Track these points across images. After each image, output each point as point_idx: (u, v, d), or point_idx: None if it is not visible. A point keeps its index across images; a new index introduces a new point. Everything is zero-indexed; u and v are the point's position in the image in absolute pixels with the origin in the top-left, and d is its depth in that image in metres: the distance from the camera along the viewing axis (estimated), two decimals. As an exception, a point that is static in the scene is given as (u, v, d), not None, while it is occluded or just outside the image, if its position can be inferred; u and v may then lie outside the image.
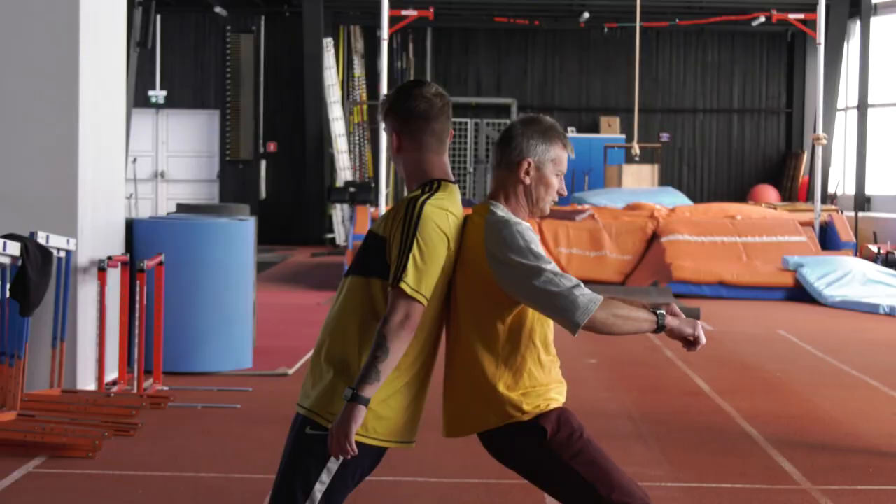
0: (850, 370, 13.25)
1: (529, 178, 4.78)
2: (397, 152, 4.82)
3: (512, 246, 4.62)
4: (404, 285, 4.51)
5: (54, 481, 8.14)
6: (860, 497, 8.04)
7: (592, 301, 4.55)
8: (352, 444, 4.45)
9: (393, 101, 4.82)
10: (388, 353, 4.47)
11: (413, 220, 4.59)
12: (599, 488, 4.66)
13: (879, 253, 24.88)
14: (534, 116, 4.89)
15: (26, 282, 9.46)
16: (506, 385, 4.68)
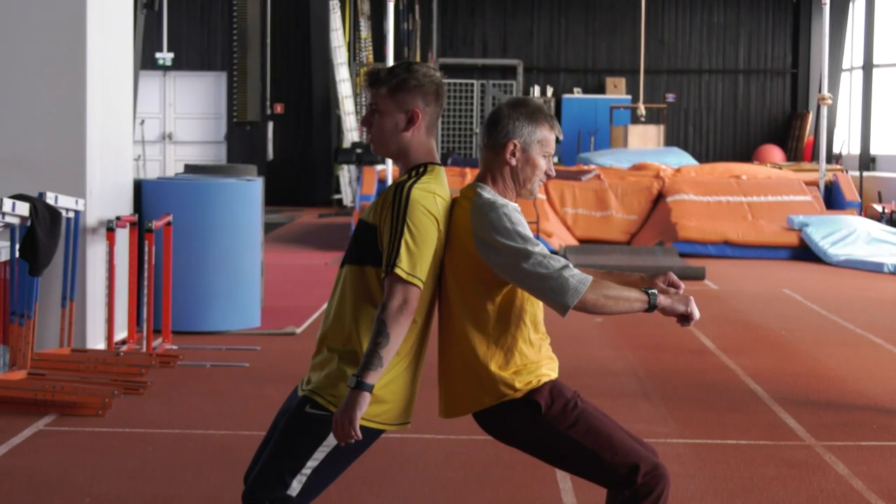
0: (855, 328, 13.26)
1: (516, 159, 4.75)
2: (409, 131, 4.73)
3: (499, 228, 4.60)
4: (399, 271, 4.49)
5: (65, 439, 8.17)
6: (864, 453, 8.06)
7: (582, 282, 4.54)
8: (356, 430, 4.44)
9: (420, 78, 4.71)
10: (388, 338, 4.46)
11: (402, 206, 4.55)
12: (602, 454, 4.65)
13: (884, 212, 24.86)
14: (521, 98, 4.86)
15: (35, 242, 9.47)
16: (497, 364, 4.68)
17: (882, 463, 7.83)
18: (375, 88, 4.75)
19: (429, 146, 4.76)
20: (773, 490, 7.20)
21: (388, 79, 4.72)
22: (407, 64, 4.79)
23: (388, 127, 4.73)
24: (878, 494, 7.10)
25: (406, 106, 4.71)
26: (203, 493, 6.91)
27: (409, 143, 4.73)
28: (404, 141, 4.73)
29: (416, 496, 6.91)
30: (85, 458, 7.69)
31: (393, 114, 4.72)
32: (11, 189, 9.77)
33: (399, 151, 4.75)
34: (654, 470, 4.66)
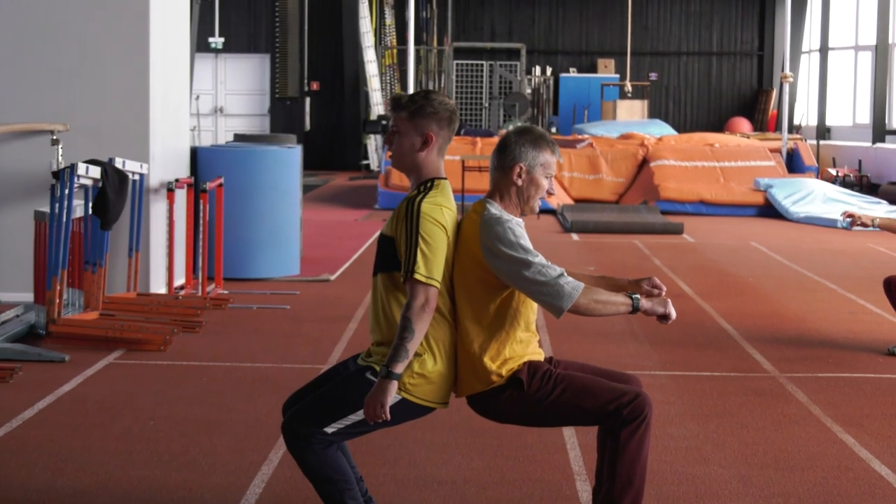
0: (812, 275, 13.22)
1: (522, 180, 4.76)
2: (423, 151, 4.73)
3: (504, 241, 4.62)
4: (418, 275, 4.50)
5: (131, 370, 8.18)
6: (821, 383, 8.04)
7: (575, 289, 4.56)
8: (386, 412, 4.47)
9: (436, 106, 4.72)
10: (413, 333, 4.48)
11: (414, 219, 4.56)
12: (586, 405, 4.65)
13: (837, 176, 24.83)
14: (526, 126, 4.87)
15: (106, 201, 9.46)
16: (490, 357, 4.69)
17: (836, 392, 7.81)
18: (397, 112, 4.76)
19: (438, 165, 4.78)
20: (742, 415, 7.19)
21: (408, 105, 4.74)
22: (426, 93, 4.79)
23: (405, 146, 4.74)
24: (833, 419, 7.08)
25: (422, 129, 4.72)
26: (251, 417, 6.91)
27: (423, 162, 4.74)
28: (419, 160, 4.74)
29: (433, 418, 6.90)
30: (149, 386, 7.70)
31: (410, 135, 4.73)
32: (85, 154, 9.77)
33: (413, 168, 4.76)
34: (636, 399, 4.65)
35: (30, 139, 10.35)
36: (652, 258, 14.34)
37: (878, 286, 11.70)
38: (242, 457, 6.11)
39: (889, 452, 6.40)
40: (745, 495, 5.65)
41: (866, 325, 10.23)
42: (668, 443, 6.50)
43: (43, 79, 10.53)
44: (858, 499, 5.64)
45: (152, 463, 6.01)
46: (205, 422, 6.82)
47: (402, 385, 4.61)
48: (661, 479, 5.82)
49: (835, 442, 6.62)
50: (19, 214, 10.21)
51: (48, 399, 7.27)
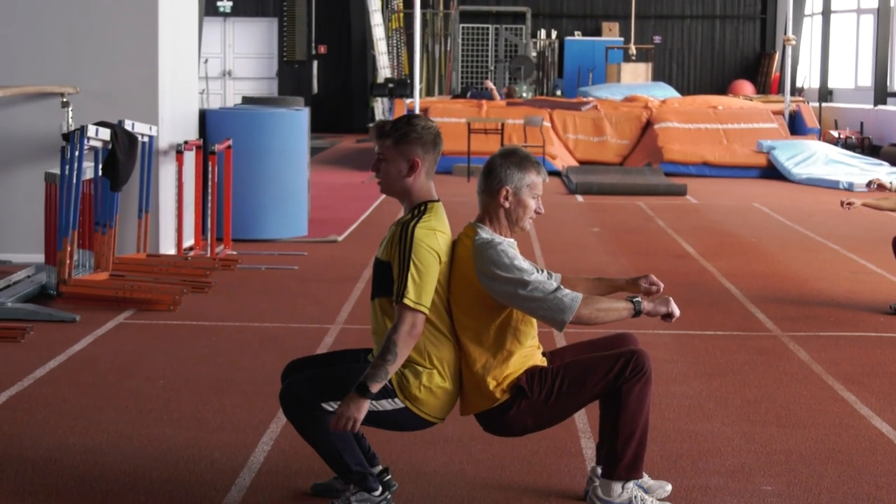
0: (814, 236, 13.20)
1: (508, 202, 4.74)
2: (411, 177, 4.71)
3: (498, 263, 4.60)
4: (407, 301, 4.50)
5: (142, 330, 8.18)
6: (821, 341, 8.03)
7: (574, 300, 4.55)
8: (355, 428, 4.47)
9: (419, 131, 4.70)
10: (396, 356, 4.49)
11: (407, 244, 4.56)
12: (594, 383, 4.65)
13: (839, 137, 24.74)
14: (511, 149, 4.84)
15: (116, 162, 9.44)
16: (494, 376, 4.69)
17: (837, 350, 7.80)
18: (382, 140, 4.74)
19: (428, 188, 4.76)
20: (745, 373, 7.18)
21: (392, 132, 4.72)
22: (408, 118, 4.77)
23: (392, 173, 4.73)
24: (835, 377, 7.08)
25: (408, 155, 4.70)
26: (259, 376, 6.91)
27: (412, 186, 4.73)
28: (407, 185, 4.72)
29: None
30: (159, 346, 7.70)
31: (397, 161, 4.71)
32: (95, 117, 9.75)
33: (402, 193, 4.75)
34: (634, 357, 4.66)
35: (40, 102, 10.33)
36: (655, 219, 14.30)
37: (879, 246, 11.70)
38: (251, 415, 6.12)
39: (889, 409, 6.40)
40: (747, 452, 5.65)
41: (867, 284, 10.22)
42: (671, 401, 6.50)
43: (53, 42, 10.51)
44: (859, 455, 5.63)
45: (162, 421, 6.01)
46: (214, 380, 6.82)
47: (410, 397, 4.63)
48: (665, 437, 5.82)
49: (836, 399, 6.62)
50: (30, 176, 10.19)
51: (59, 358, 7.28)
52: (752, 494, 5.07)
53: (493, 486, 5.07)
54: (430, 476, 5.16)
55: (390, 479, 4.90)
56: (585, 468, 5.30)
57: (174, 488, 5.03)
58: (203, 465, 5.32)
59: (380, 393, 4.58)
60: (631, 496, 4.71)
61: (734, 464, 5.47)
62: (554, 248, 11.37)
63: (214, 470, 5.27)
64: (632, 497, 4.71)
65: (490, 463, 5.42)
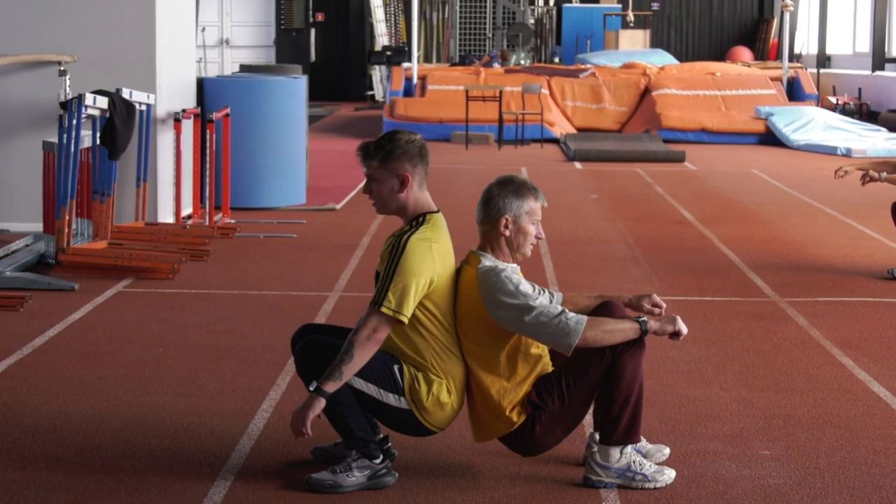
0: (812, 202, 13.19)
1: (509, 230, 4.74)
2: (403, 192, 4.70)
3: (503, 290, 4.60)
4: (385, 309, 4.51)
5: (141, 298, 8.17)
6: (819, 307, 8.03)
7: (579, 323, 4.54)
8: (307, 428, 4.48)
9: (403, 145, 4.69)
10: (353, 357, 4.49)
11: (398, 253, 4.57)
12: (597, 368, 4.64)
13: (837, 103, 24.72)
14: (507, 177, 4.83)
15: (114, 131, 9.42)
16: (509, 400, 4.69)
17: (836, 315, 7.80)
18: (368, 161, 4.75)
19: (423, 199, 4.75)
20: (743, 338, 7.18)
21: (376, 152, 4.72)
22: (391, 135, 4.77)
23: (385, 192, 4.74)
24: (833, 342, 7.08)
25: (396, 171, 4.70)
26: (258, 344, 6.91)
27: (406, 201, 4.73)
28: (401, 201, 4.73)
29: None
30: (157, 314, 7.70)
31: (387, 180, 4.72)
32: (93, 85, 9.72)
33: (399, 209, 4.75)
34: None
35: (37, 70, 10.30)
36: (654, 186, 14.29)
37: (877, 211, 11.69)
38: (250, 382, 6.12)
39: (887, 374, 6.40)
40: (745, 416, 5.65)
41: (865, 250, 10.22)
42: (669, 366, 6.50)
43: (50, 10, 10.47)
44: (856, 419, 5.64)
45: (161, 389, 6.01)
46: (213, 348, 6.82)
47: (418, 402, 4.64)
48: (663, 402, 5.82)
49: (834, 364, 6.62)
50: (28, 145, 10.16)
51: (58, 327, 7.27)
52: (751, 459, 5.07)
53: (493, 453, 5.07)
54: (429, 443, 5.16)
55: (391, 447, 4.91)
56: (584, 435, 5.30)
57: (174, 455, 5.04)
58: (203, 433, 5.32)
59: (388, 385, 4.61)
60: (629, 461, 4.71)
61: (732, 428, 5.48)
62: (553, 216, 11.35)
63: (214, 437, 5.27)
64: (630, 462, 4.71)
65: (489, 429, 5.41)
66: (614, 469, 4.72)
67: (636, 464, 4.72)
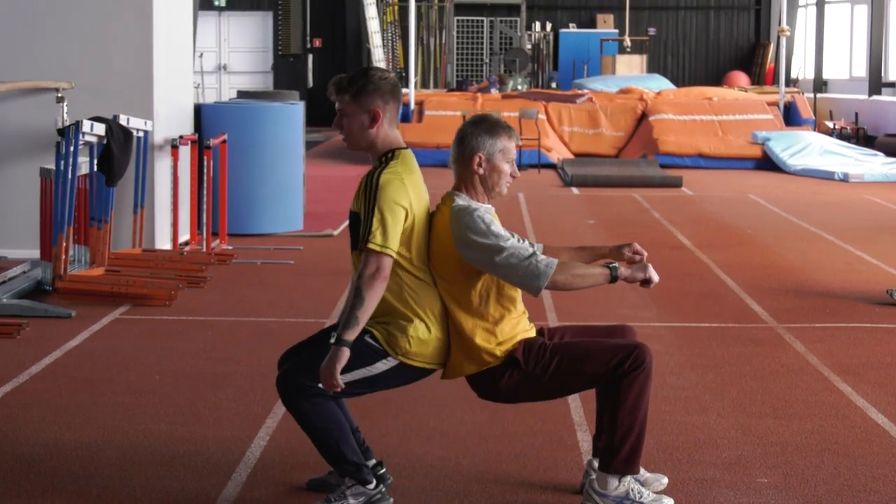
0: (810, 227, 13.20)
1: (482, 169, 4.73)
2: (374, 128, 4.70)
3: (474, 229, 4.59)
4: (373, 245, 4.50)
5: (138, 325, 8.17)
6: (817, 333, 8.02)
7: (549, 266, 4.53)
8: (338, 381, 4.46)
9: (376, 81, 4.70)
10: (363, 301, 4.48)
11: (373, 192, 4.57)
12: (592, 370, 4.63)
13: (834, 128, 24.75)
14: (481, 116, 4.83)
15: (111, 157, 9.43)
16: (482, 338, 4.67)
17: (833, 341, 7.80)
18: (340, 95, 4.74)
19: (393, 136, 4.76)
20: (740, 365, 7.17)
21: (349, 87, 4.71)
22: (364, 70, 4.76)
23: (355, 127, 4.72)
24: (831, 368, 7.07)
25: (368, 107, 4.69)
26: (255, 371, 6.90)
27: (375, 138, 4.72)
28: (371, 137, 4.72)
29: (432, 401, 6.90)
30: (154, 341, 7.69)
31: (358, 115, 4.71)
32: (90, 112, 9.73)
33: (368, 145, 4.75)
34: (634, 351, 4.63)
35: (35, 97, 10.32)
36: (651, 211, 14.30)
37: (875, 236, 11.70)
38: (247, 409, 6.11)
39: (885, 400, 6.39)
40: (743, 444, 5.64)
41: (863, 275, 10.22)
42: (667, 393, 6.49)
43: (48, 37, 10.50)
44: (855, 446, 5.63)
45: (158, 416, 6.00)
46: (210, 375, 6.81)
47: (403, 352, 4.62)
48: (661, 429, 5.81)
49: (831, 391, 6.61)
50: (25, 171, 10.17)
51: (55, 354, 7.26)
52: (749, 486, 5.06)
53: (489, 480, 5.06)
54: (425, 470, 5.15)
55: (385, 472, 4.90)
56: (582, 461, 5.29)
57: (170, 484, 5.02)
58: (199, 461, 5.31)
59: (371, 356, 4.60)
60: (628, 489, 4.70)
61: (730, 456, 5.47)
62: (549, 241, 11.33)
63: (210, 465, 5.26)
64: (628, 490, 4.70)
65: (486, 457, 5.41)
66: (612, 497, 4.70)
67: (634, 492, 4.71)
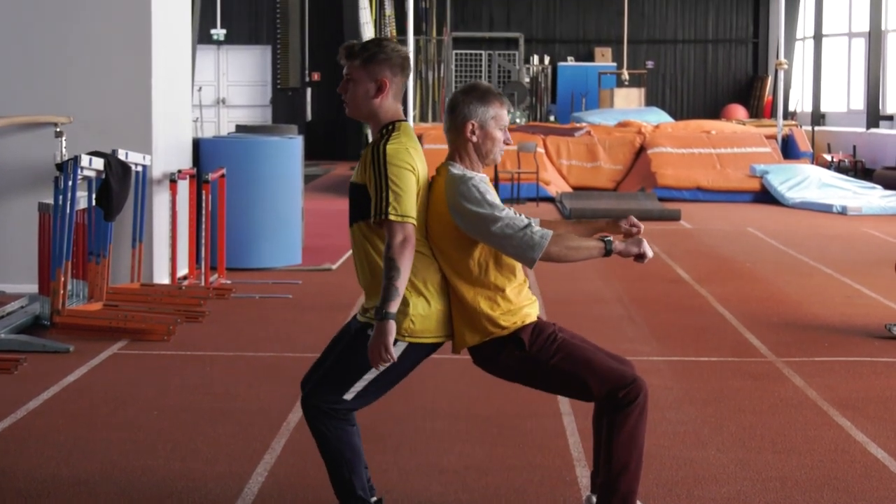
0: (808, 260, 13.20)
1: (476, 136, 4.73)
2: (378, 98, 4.68)
3: (469, 198, 4.59)
4: (393, 216, 4.47)
5: (136, 360, 8.16)
6: (816, 366, 8.02)
7: (544, 237, 4.52)
8: (391, 353, 4.45)
9: (388, 52, 4.68)
10: (399, 271, 4.45)
11: (381, 162, 4.53)
12: (582, 377, 4.62)
13: (832, 161, 24.80)
14: (472, 84, 4.83)
15: (109, 192, 9.44)
16: (486, 306, 4.66)
17: (833, 375, 7.79)
18: (350, 60, 4.70)
19: (395, 109, 4.74)
20: (740, 399, 7.17)
21: (361, 52, 4.69)
22: (378, 40, 4.76)
23: (360, 94, 4.69)
24: (830, 402, 7.07)
25: (376, 76, 4.66)
26: (254, 406, 6.89)
27: (379, 108, 4.69)
28: (374, 106, 4.69)
29: (435, 406, 6.90)
30: (153, 376, 7.69)
31: (364, 82, 4.68)
32: (88, 146, 9.76)
33: (370, 115, 4.71)
34: (632, 384, 4.62)
35: (34, 131, 10.34)
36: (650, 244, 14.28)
37: (873, 270, 11.72)
38: (246, 445, 6.10)
39: (885, 435, 6.39)
40: (742, 479, 5.63)
41: (861, 308, 10.22)
42: (666, 427, 6.48)
43: (46, 71, 10.52)
44: (854, 481, 5.62)
45: (156, 452, 5.99)
46: (208, 411, 6.80)
47: (408, 332, 4.59)
48: (660, 464, 5.80)
49: (831, 425, 6.60)
50: (24, 206, 10.19)
51: (53, 389, 7.26)
52: (748, 522, 5.05)
53: (488, 516, 5.04)
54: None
55: (387, 510, 4.89)
56: (580, 497, 5.28)
57: (168, 520, 5.01)
58: (197, 497, 5.30)
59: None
60: (626, 525, 4.69)
61: (730, 491, 5.46)
62: (547, 275, 11.35)
63: (209, 501, 5.25)
64: (627, 526, 4.69)
65: (485, 492, 5.40)
66: (611, 533, 4.69)
67: (633, 528, 4.70)
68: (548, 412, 6.71)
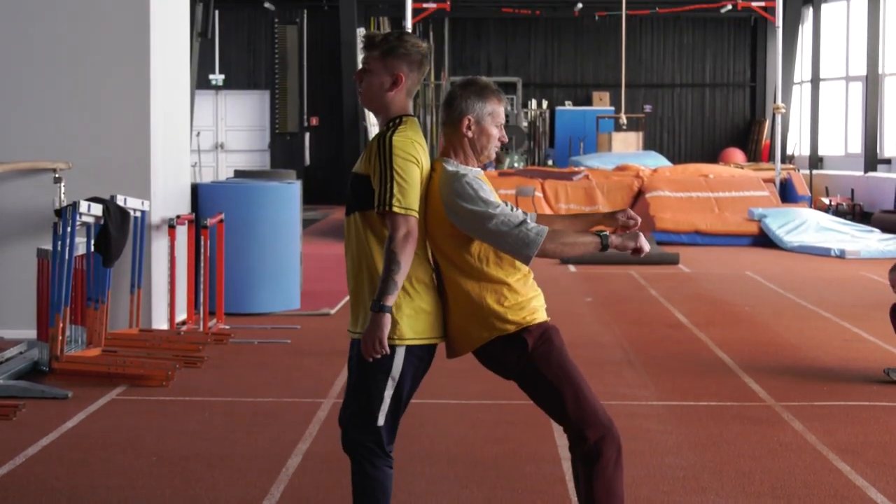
0: (807, 304, 13.21)
1: (472, 131, 4.71)
2: (393, 91, 4.68)
3: (464, 196, 4.56)
4: (396, 208, 4.46)
5: (134, 406, 8.16)
6: (816, 411, 8.02)
7: (539, 234, 4.50)
8: (384, 346, 4.42)
9: (408, 48, 4.67)
10: (399, 265, 4.43)
11: (387, 153, 4.52)
12: (566, 401, 4.59)
13: (830, 204, 24.85)
14: (470, 78, 4.82)
15: (108, 237, 9.47)
16: (494, 300, 4.62)
17: (832, 420, 7.79)
18: (369, 51, 4.71)
19: (406, 104, 4.73)
20: (739, 444, 7.17)
21: (381, 44, 4.69)
22: (400, 33, 4.75)
23: (375, 85, 4.69)
24: (829, 447, 7.07)
25: (393, 69, 4.67)
26: (252, 452, 6.89)
27: (391, 101, 4.69)
28: (387, 99, 4.69)
29: (434, 450, 6.90)
30: (151, 422, 7.69)
31: (381, 74, 4.68)
32: (87, 192, 9.78)
33: (381, 107, 4.71)
34: (604, 437, 4.57)
35: (32, 177, 10.37)
36: (648, 288, 14.32)
37: (872, 314, 11.72)
38: (244, 491, 6.10)
39: (884, 480, 6.39)
40: (742, 524, 5.63)
41: (860, 352, 10.22)
42: (665, 472, 6.48)
43: (45, 118, 10.56)
44: (855, 527, 5.62)
45: (154, 499, 5.99)
46: (207, 457, 6.80)
47: (398, 336, 4.53)
48: (659, 509, 5.80)
49: (830, 470, 6.61)
50: (22, 252, 10.21)
51: (52, 436, 7.26)
52: (748, 567, 5.05)
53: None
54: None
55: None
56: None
57: (167, 567, 5.01)
58: (196, 543, 5.29)
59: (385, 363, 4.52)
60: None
61: (729, 536, 5.46)
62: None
63: (207, 548, 5.24)
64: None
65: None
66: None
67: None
68: (546, 457, 6.71)
